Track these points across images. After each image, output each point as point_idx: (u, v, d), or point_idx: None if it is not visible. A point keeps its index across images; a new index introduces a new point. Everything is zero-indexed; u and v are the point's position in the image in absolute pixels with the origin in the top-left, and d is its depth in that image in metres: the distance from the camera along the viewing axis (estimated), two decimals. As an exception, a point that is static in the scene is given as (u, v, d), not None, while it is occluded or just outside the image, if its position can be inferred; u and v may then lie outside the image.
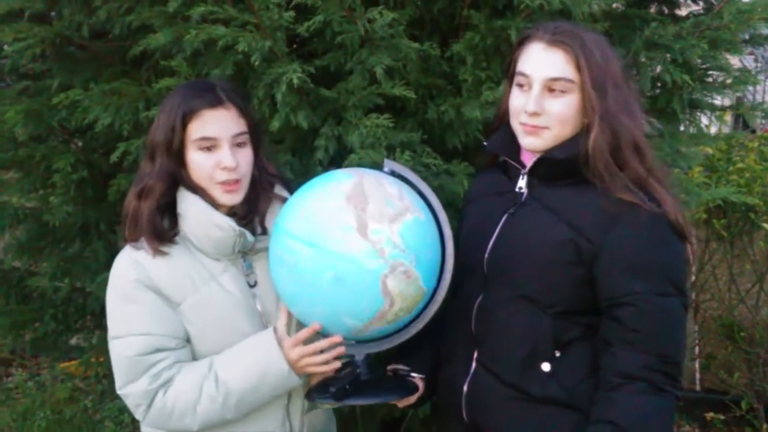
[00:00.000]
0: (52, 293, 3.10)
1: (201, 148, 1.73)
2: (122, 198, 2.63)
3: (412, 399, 1.92)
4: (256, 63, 2.22)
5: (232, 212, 1.81)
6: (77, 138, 2.90)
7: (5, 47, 2.67)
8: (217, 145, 1.73)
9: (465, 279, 1.86)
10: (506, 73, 1.84)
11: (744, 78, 2.79)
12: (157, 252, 1.75)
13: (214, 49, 2.28)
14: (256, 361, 1.73)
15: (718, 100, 3.06)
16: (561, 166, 1.74)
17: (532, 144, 1.74)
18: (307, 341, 1.75)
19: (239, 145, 1.76)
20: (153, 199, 1.76)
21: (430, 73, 2.46)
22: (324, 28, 2.27)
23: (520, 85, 1.74)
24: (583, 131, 1.70)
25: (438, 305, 1.74)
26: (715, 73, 2.81)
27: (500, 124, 1.89)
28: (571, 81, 1.68)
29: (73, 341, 3.47)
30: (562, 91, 1.69)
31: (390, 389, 1.84)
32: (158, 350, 1.73)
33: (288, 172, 2.28)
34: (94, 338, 3.34)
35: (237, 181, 1.75)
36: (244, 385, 1.73)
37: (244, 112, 1.78)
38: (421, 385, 1.91)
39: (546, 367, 1.72)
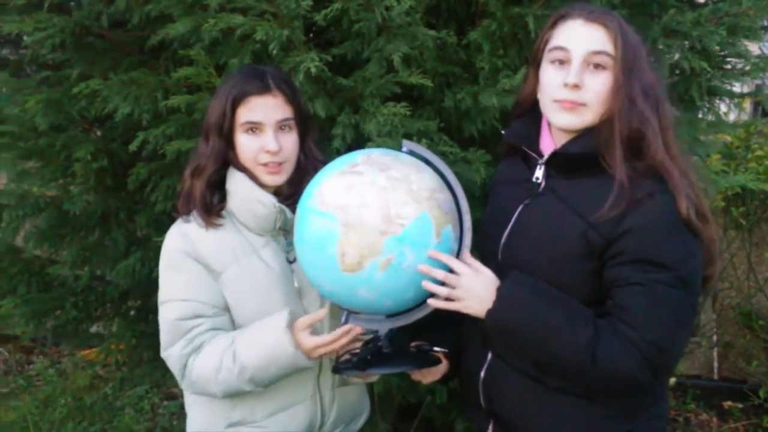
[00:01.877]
0: (72, 281, 3.14)
1: (247, 131, 1.84)
2: (142, 187, 2.67)
3: (437, 374, 1.95)
4: (274, 52, 2.24)
5: (277, 191, 1.91)
6: (97, 127, 2.92)
7: (25, 37, 2.69)
8: (261, 129, 1.84)
9: None
10: (534, 57, 1.80)
11: (763, 65, 2.76)
12: (209, 224, 1.88)
13: (232, 38, 2.30)
14: (267, 344, 1.80)
15: (736, 87, 3.03)
16: (577, 160, 1.72)
17: (568, 122, 1.70)
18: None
19: (283, 129, 1.86)
20: (205, 176, 1.90)
21: (446, 61, 2.46)
22: (341, 16, 2.28)
23: (558, 61, 1.69)
24: (607, 120, 1.67)
25: None
26: (733, 60, 2.79)
27: (521, 112, 1.86)
28: (611, 56, 1.64)
29: (94, 329, 3.50)
30: (603, 67, 1.65)
31: (412, 360, 1.86)
32: (197, 316, 1.86)
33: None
34: (114, 326, 3.37)
35: (280, 164, 1.86)
36: (256, 362, 1.81)
37: (292, 99, 1.87)
38: (444, 360, 1.93)
39: None
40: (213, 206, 1.90)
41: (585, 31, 1.67)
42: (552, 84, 1.69)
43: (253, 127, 1.84)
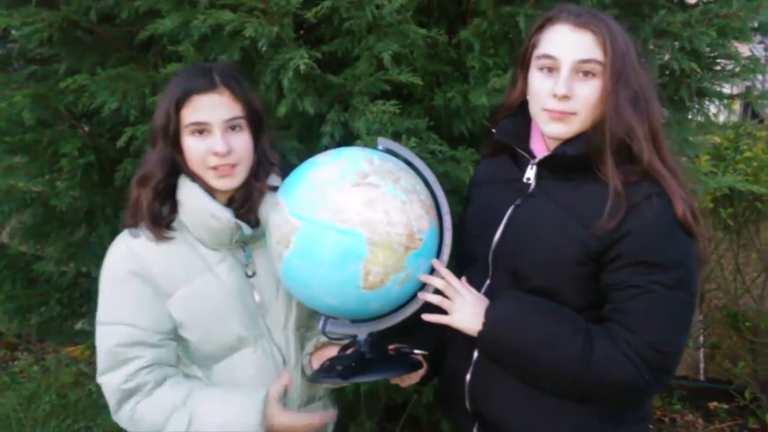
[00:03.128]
0: (57, 278, 3.11)
1: (193, 133, 1.73)
2: (129, 183, 2.64)
3: (415, 378, 1.92)
4: (263, 49, 2.22)
5: (230, 199, 1.80)
6: (84, 123, 2.89)
7: (13, 32, 2.67)
8: (209, 130, 1.72)
9: (467, 266, 1.86)
10: (521, 60, 1.79)
11: (752, 66, 2.78)
12: (159, 238, 1.75)
13: (222, 34, 2.28)
14: (234, 425, 1.71)
15: (726, 89, 3.04)
16: (571, 162, 1.71)
17: (558, 131, 1.70)
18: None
19: (233, 129, 1.74)
20: (152, 185, 1.77)
21: (437, 60, 2.46)
22: (332, 13, 2.26)
23: (546, 69, 1.69)
24: (598, 124, 1.67)
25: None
26: (723, 61, 2.80)
27: (509, 112, 1.85)
28: (600, 63, 1.64)
29: (78, 326, 3.47)
30: (592, 74, 1.65)
31: (394, 366, 1.83)
32: (138, 344, 1.73)
33: (294, 159, 2.28)
34: (98, 322, 3.35)
35: (232, 167, 1.74)
36: None
37: (240, 96, 1.76)
38: (423, 362, 1.91)
39: None
40: (162, 218, 1.78)
41: (573, 38, 1.66)
42: (541, 92, 1.69)
43: (200, 129, 1.72)
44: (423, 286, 1.73)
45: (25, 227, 3.07)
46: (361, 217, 1.57)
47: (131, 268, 1.75)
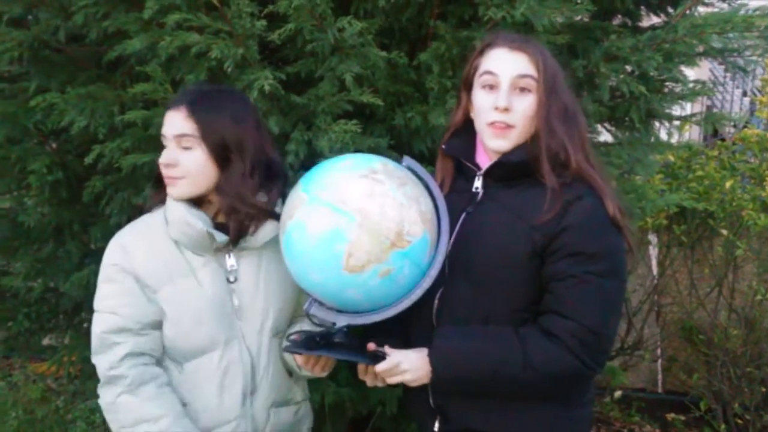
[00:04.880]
0: (25, 293, 3.12)
1: (163, 144, 1.90)
2: (96, 200, 2.70)
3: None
4: (229, 69, 2.28)
5: (216, 212, 1.94)
6: (52, 140, 2.92)
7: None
8: (165, 142, 1.89)
9: None
10: (464, 82, 1.95)
11: (699, 90, 2.91)
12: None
13: (188, 55, 2.34)
14: None
15: (686, 109, 3.15)
16: (515, 168, 1.87)
17: (498, 145, 1.86)
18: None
19: (185, 147, 1.86)
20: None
21: (398, 81, 2.54)
22: (295, 36, 2.34)
23: (488, 86, 1.85)
24: (534, 136, 1.84)
25: (424, 289, 1.80)
26: (671, 84, 2.92)
27: (455, 131, 2.00)
28: (535, 79, 1.82)
29: (46, 341, 3.49)
30: (528, 90, 1.82)
31: (358, 354, 1.88)
32: (122, 331, 1.87)
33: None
34: (66, 338, 3.36)
35: (175, 178, 1.87)
36: None
37: (194, 116, 1.85)
38: None
39: None
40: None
41: (510, 58, 1.84)
42: (484, 107, 1.86)
43: (163, 140, 1.89)
44: (407, 293, 1.81)
45: (-8, 243, 3.09)
46: (358, 203, 1.69)
47: (120, 262, 1.89)
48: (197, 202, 1.92)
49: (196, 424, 1.91)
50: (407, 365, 1.83)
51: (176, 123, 1.86)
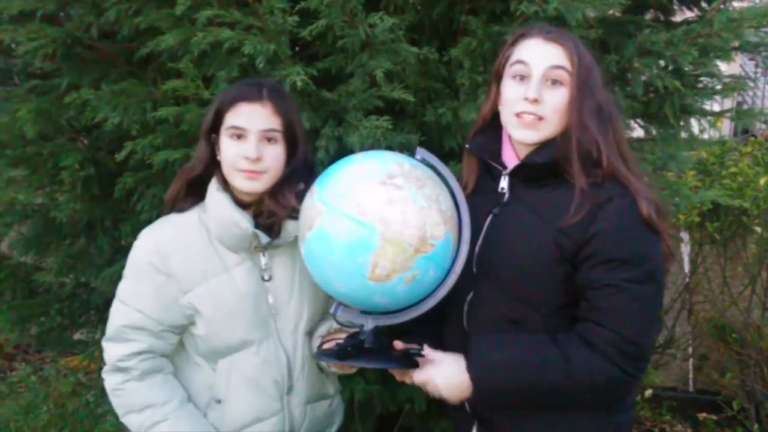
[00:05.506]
0: (57, 288, 3.16)
1: (231, 136, 1.85)
2: (128, 196, 2.72)
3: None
4: (261, 65, 2.29)
5: (258, 210, 1.91)
6: (84, 136, 2.96)
7: (14, 46, 2.73)
8: (245, 136, 1.84)
9: None
10: (495, 73, 1.90)
11: (734, 85, 2.86)
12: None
13: (220, 51, 2.35)
14: None
15: (716, 105, 3.11)
16: (541, 169, 1.81)
17: (527, 137, 1.80)
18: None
19: (269, 140, 1.86)
20: (189, 177, 1.94)
21: (428, 77, 2.52)
22: (326, 32, 2.34)
23: (518, 77, 1.79)
24: (565, 133, 1.78)
25: (448, 288, 1.78)
26: (706, 79, 2.88)
27: (482, 125, 1.95)
28: (568, 72, 1.76)
29: (77, 336, 3.52)
30: (560, 83, 1.76)
31: (392, 359, 1.87)
32: (141, 329, 1.89)
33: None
34: (98, 333, 3.39)
35: (259, 173, 1.85)
36: None
37: (281, 111, 1.87)
38: None
39: None
40: (182, 208, 1.95)
41: (544, 48, 1.78)
42: (513, 98, 1.80)
43: (238, 133, 1.84)
44: (433, 291, 1.79)
45: (25, 238, 3.13)
46: (379, 213, 1.65)
47: (154, 262, 1.89)
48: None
49: (230, 422, 1.93)
50: (442, 383, 1.79)
51: (264, 118, 1.85)
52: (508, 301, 1.81)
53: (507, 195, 1.88)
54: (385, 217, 1.65)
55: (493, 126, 1.92)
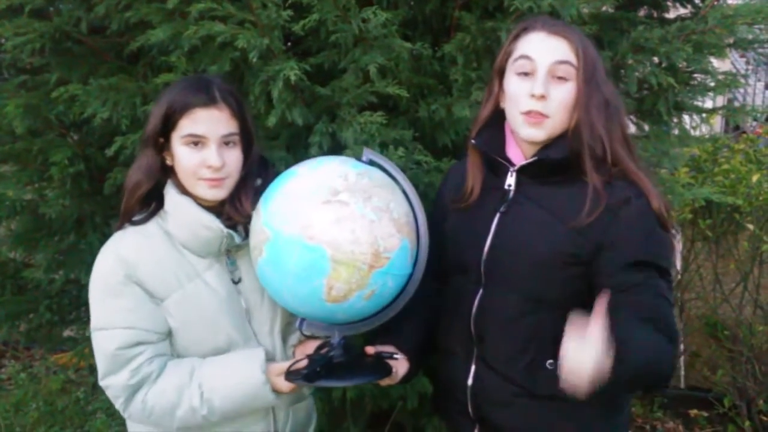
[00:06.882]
0: (47, 285, 3.14)
1: (188, 144, 1.75)
2: (118, 191, 2.69)
3: (396, 378, 1.88)
4: (254, 60, 2.26)
5: (218, 212, 1.82)
6: (73, 132, 2.92)
7: (4, 42, 2.70)
8: (204, 144, 1.75)
9: (457, 276, 1.89)
10: (497, 69, 1.84)
11: (727, 81, 2.86)
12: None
13: (212, 45, 2.32)
14: (244, 390, 1.79)
15: (708, 102, 3.11)
16: (554, 165, 1.76)
17: (532, 135, 1.74)
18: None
19: (227, 145, 1.78)
20: (141, 192, 1.81)
21: (421, 73, 2.51)
22: (319, 27, 2.32)
23: (523, 73, 1.74)
24: (575, 129, 1.72)
25: (410, 294, 1.77)
26: (700, 76, 2.87)
27: (485, 121, 1.88)
28: (574, 66, 1.71)
29: (66, 333, 3.50)
30: (565, 78, 1.71)
31: (364, 372, 1.83)
32: (139, 344, 1.77)
33: (283, 168, 2.32)
34: (88, 330, 3.36)
35: (222, 179, 1.77)
36: (229, 405, 1.79)
37: (237, 113, 1.79)
38: (404, 365, 1.88)
39: (551, 364, 1.73)
40: (139, 220, 1.83)
41: (549, 43, 1.73)
42: (518, 95, 1.74)
43: (195, 141, 1.74)
44: (395, 300, 1.77)
45: (14, 234, 3.11)
46: (327, 234, 1.59)
47: (124, 273, 1.76)
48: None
49: (218, 426, 1.86)
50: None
51: (222, 123, 1.76)
52: (523, 304, 1.77)
53: (513, 192, 1.83)
54: (334, 239, 1.59)
55: (495, 122, 1.87)
